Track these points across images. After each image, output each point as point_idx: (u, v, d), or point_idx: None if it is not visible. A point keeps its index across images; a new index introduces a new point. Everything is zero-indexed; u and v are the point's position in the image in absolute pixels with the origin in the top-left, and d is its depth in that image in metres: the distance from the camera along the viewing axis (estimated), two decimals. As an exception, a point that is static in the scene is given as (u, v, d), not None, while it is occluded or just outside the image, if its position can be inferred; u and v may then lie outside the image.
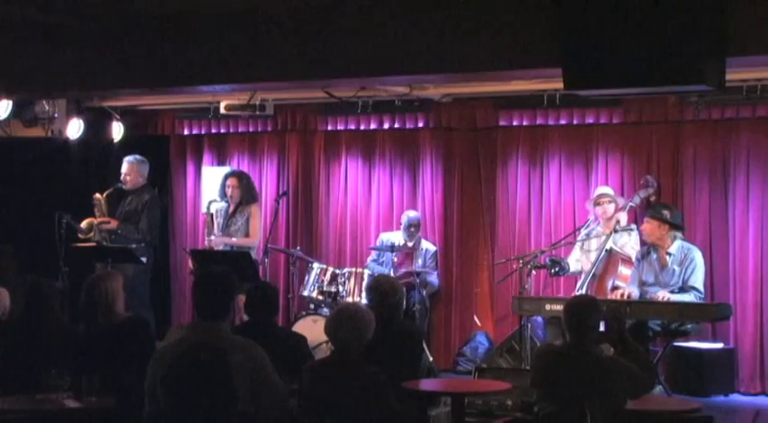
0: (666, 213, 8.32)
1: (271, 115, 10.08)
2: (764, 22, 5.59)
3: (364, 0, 6.57)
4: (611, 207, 8.77)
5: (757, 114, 8.75)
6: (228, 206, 9.51)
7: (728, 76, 5.86)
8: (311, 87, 9.06)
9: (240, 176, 9.59)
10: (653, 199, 8.85)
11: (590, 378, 5.03)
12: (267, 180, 10.70)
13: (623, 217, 8.74)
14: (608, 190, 8.91)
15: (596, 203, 8.83)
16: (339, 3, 6.64)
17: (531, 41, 6.12)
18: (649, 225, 8.32)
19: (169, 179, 11.24)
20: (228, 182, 9.51)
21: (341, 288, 9.18)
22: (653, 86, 5.98)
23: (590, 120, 9.38)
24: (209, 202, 9.61)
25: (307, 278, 9.39)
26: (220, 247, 9.30)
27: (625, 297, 8.11)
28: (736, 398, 8.63)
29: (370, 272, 9.30)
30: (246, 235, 9.37)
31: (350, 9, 6.64)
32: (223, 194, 9.56)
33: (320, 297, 9.26)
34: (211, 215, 9.59)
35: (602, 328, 5.38)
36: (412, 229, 9.58)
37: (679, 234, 8.35)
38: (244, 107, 9.62)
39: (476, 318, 9.93)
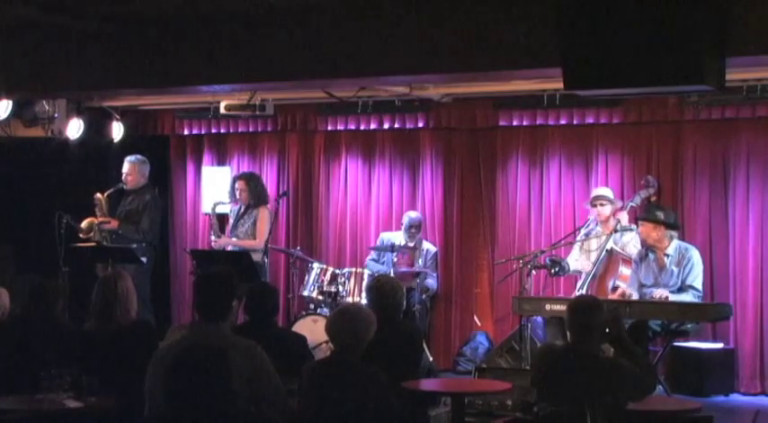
0: (660, 214, 8.30)
1: (271, 115, 10.07)
2: (764, 22, 5.59)
3: (364, 0, 6.58)
4: (607, 209, 8.77)
5: (757, 114, 8.75)
6: (240, 208, 9.53)
7: (728, 76, 5.86)
8: (311, 87, 9.07)
9: (248, 179, 9.58)
10: (653, 199, 8.85)
11: (591, 379, 5.03)
12: (267, 180, 10.67)
13: (624, 217, 8.73)
14: (606, 191, 8.89)
15: (593, 205, 8.84)
16: (339, 3, 6.64)
17: (531, 41, 6.12)
18: (645, 228, 8.31)
19: (169, 179, 11.24)
20: (237, 185, 9.54)
21: (341, 288, 9.17)
22: (653, 86, 5.98)
23: (590, 120, 9.38)
24: (215, 204, 9.62)
25: (307, 278, 9.39)
26: (229, 248, 9.30)
27: (625, 297, 8.12)
28: (736, 398, 8.63)
29: (369, 272, 9.30)
30: (253, 237, 9.37)
31: (350, 9, 6.64)
32: (233, 196, 9.57)
33: (320, 297, 9.25)
34: (217, 216, 9.59)
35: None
36: (413, 230, 9.57)
37: (676, 234, 8.35)
38: (244, 107, 9.61)
39: (476, 318, 9.92)
